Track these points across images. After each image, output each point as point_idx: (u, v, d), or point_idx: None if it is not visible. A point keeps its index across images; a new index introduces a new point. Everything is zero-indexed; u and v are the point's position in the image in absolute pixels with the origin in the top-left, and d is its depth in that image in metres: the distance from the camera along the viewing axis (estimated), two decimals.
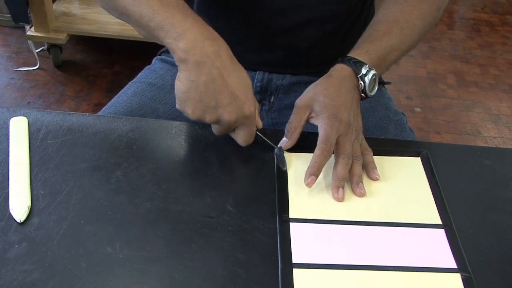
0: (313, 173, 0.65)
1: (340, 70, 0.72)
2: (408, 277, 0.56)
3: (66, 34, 2.08)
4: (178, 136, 0.73)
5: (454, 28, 2.73)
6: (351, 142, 0.67)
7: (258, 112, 0.70)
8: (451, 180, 0.69)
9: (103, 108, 0.87)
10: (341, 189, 0.65)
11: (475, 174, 0.71)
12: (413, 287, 0.55)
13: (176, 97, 0.66)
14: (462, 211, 0.65)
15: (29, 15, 2.03)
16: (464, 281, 0.56)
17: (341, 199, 0.64)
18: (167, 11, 0.66)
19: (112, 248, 0.56)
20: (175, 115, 0.85)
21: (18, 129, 0.70)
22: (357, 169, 0.66)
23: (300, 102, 0.70)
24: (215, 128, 0.69)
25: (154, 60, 0.99)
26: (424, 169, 0.70)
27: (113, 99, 0.89)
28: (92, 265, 0.55)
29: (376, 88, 0.73)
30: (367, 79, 0.71)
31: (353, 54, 0.73)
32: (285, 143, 0.70)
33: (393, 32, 0.75)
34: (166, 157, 0.69)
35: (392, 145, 0.75)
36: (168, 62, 0.95)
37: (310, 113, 0.69)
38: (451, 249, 0.59)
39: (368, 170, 0.68)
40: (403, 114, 0.92)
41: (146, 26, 0.67)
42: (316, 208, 0.63)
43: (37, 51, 2.18)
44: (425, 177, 0.69)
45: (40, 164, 0.66)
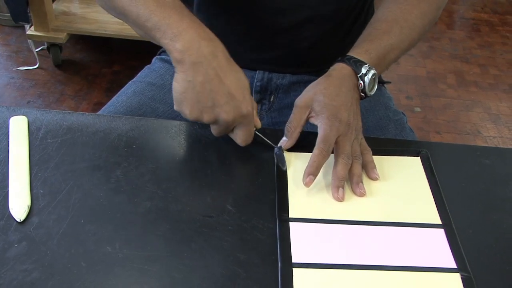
0: (312, 173, 0.65)
1: (340, 70, 0.72)
2: (408, 277, 0.56)
3: (66, 34, 2.08)
4: (178, 136, 0.73)
5: (454, 28, 2.73)
6: (351, 142, 0.67)
7: (257, 112, 0.70)
8: (451, 180, 0.69)
9: (103, 108, 0.87)
10: (341, 189, 0.65)
11: (475, 174, 0.71)
12: (413, 287, 0.55)
13: (174, 98, 0.67)
14: (462, 211, 0.65)
15: (29, 15, 2.03)
16: (464, 281, 0.56)
17: (341, 199, 0.64)
18: (164, 12, 0.66)
19: (112, 248, 0.56)
20: (175, 115, 0.85)
21: (18, 128, 0.70)
22: (357, 169, 0.66)
23: (300, 102, 0.70)
24: (214, 129, 0.69)
25: (154, 60, 0.99)
26: (424, 169, 0.70)
27: (113, 99, 0.89)
28: (92, 265, 0.55)
29: (376, 88, 0.73)
30: (367, 79, 0.71)
31: (353, 53, 0.73)
32: (285, 143, 0.70)
33: (393, 31, 0.75)
34: (166, 157, 0.69)
35: (392, 145, 0.75)
36: (168, 62, 0.95)
37: (310, 113, 0.69)
38: (451, 249, 0.59)
39: (368, 170, 0.68)
40: (403, 114, 0.92)
41: (143, 26, 0.68)
42: (316, 208, 0.63)
43: (37, 51, 2.18)
44: (425, 177, 0.69)
45: (40, 163, 0.65)
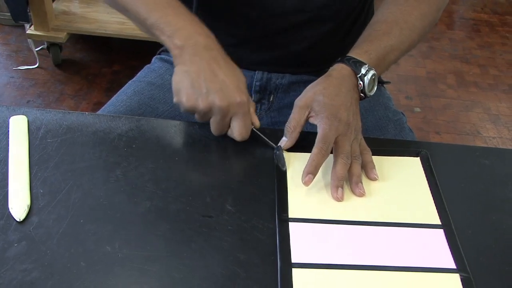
0: (311, 172, 0.65)
1: (340, 70, 0.72)
2: (407, 277, 0.56)
3: (66, 33, 2.08)
4: (178, 135, 0.73)
5: (454, 28, 2.73)
6: (350, 142, 0.67)
7: (255, 111, 0.71)
8: (450, 180, 0.69)
9: (103, 107, 0.87)
10: (340, 189, 0.65)
11: (474, 174, 0.71)
12: (412, 287, 0.55)
13: (173, 90, 0.69)
14: (461, 211, 0.65)
15: (29, 14, 2.03)
16: (463, 281, 0.56)
17: (341, 199, 0.64)
18: (161, 10, 0.70)
19: (112, 247, 0.56)
20: (175, 114, 0.85)
21: (18, 128, 0.70)
22: (356, 169, 0.67)
23: (300, 102, 0.70)
24: (212, 122, 0.69)
25: (154, 59, 0.99)
26: (423, 169, 0.70)
27: (113, 98, 0.89)
28: (92, 264, 0.55)
29: (376, 88, 0.73)
30: (367, 79, 0.71)
31: (353, 54, 0.73)
32: (285, 143, 0.70)
33: (393, 32, 0.75)
34: (166, 156, 0.69)
35: (391, 145, 0.75)
36: (168, 61, 0.95)
37: (310, 113, 0.69)
38: (450, 249, 0.59)
39: (367, 170, 0.68)
40: (403, 114, 0.92)
41: (144, 24, 0.72)
42: (316, 208, 0.63)
43: (37, 50, 2.18)
44: (424, 177, 0.69)
45: (40, 163, 0.66)
